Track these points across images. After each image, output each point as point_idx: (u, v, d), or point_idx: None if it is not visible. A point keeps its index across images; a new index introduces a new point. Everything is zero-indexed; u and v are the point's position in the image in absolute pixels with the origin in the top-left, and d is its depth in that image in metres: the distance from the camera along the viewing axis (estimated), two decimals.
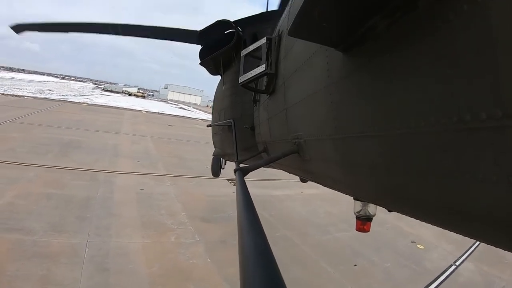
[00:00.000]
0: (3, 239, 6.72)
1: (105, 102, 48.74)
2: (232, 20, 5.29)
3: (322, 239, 9.72)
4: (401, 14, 1.15)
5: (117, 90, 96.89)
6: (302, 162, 2.82)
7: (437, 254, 9.89)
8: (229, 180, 14.29)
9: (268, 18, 4.92)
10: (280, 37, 3.26)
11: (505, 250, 1.12)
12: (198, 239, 8.32)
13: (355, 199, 2.90)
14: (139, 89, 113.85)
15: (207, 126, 8.34)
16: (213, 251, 7.77)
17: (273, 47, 3.29)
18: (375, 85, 1.40)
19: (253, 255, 1.19)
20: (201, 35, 5.70)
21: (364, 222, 3.13)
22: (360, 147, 1.63)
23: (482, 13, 0.81)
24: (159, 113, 46.88)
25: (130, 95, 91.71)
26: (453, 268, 9.01)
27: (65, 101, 41.16)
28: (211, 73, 6.82)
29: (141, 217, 8.99)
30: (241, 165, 4.12)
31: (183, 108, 72.63)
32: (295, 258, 8.04)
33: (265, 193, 13.51)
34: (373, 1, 1.25)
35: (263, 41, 3.38)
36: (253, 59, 3.62)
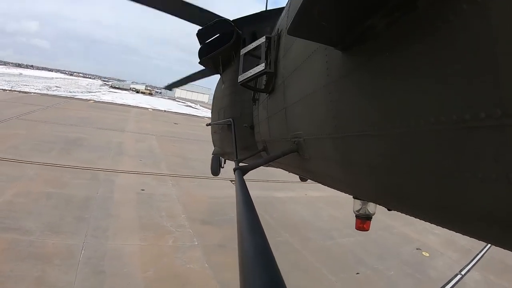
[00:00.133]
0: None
1: (112, 100, 49.06)
2: (231, 19, 5.23)
3: (324, 245, 9.49)
4: (401, 13, 1.14)
5: (124, 87, 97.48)
6: (301, 161, 2.83)
7: (442, 262, 9.61)
8: (232, 181, 14.07)
9: (267, 17, 4.90)
10: (279, 36, 3.25)
11: (505, 248, 1.12)
12: (197, 242, 8.17)
13: (354, 198, 2.90)
14: (147, 86, 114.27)
15: (207, 125, 8.28)
16: (211, 255, 7.61)
17: (273, 46, 3.28)
18: (375, 84, 1.40)
19: (252, 254, 1.18)
20: (200, 34, 5.64)
21: (363, 220, 3.15)
22: (360, 146, 1.63)
23: (482, 13, 0.81)
24: (165, 111, 46.96)
25: (138, 92, 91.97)
26: (458, 277, 8.72)
27: (72, 98, 41.54)
28: (210, 72, 6.84)
29: (140, 219, 8.88)
30: (240, 164, 4.11)
31: (190, 106, 72.74)
32: (296, 265, 7.83)
33: (268, 194, 13.32)
34: (372, 0, 1.24)
35: (263, 40, 3.37)
36: (253, 58, 3.62)
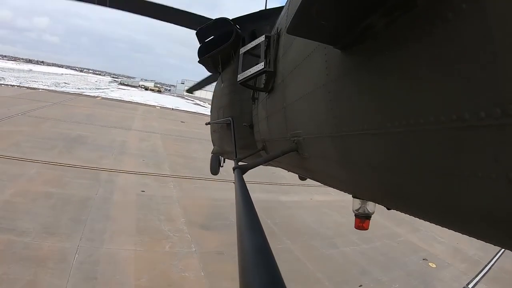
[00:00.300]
0: None
1: (120, 97, 49.25)
2: (231, 18, 5.21)
3: (327, 254, 9.14)
4: (400, 13, 1.13)
5: (133, 84, 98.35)
6: (301, 160, 2.84)
7: (449, 274, 9.24)
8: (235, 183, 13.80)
9: (266, 16, 4.93)
10: (278, 35, 3.27)
11: (504, 248, 1.08)
12: (194, 248, 7.92)
13: (353, 197, 2.90)
14: (156, 83, 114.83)
15: (206, 124, 8.23)
16: (208, 263, 7.36)
17: (272, 45, 3.29)
18: (374, 83, 1.39)
19: (252, 253, 1.19)
20: (199, 33, 5.61)
21: (363, 220, 3.17)
22: (359, 145, 1.63)
23: (481, 12, 0.80)
24: (173, 109, 46.85)
25: (147, 89, 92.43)
26: None
27: (80, 94, 41.83)
28: (209, 71, 6.79)
29: (137, 222, 8.68)
30: (240, 163, 4.14)
31: (198, 104, 72.67)
32: (296, 275, 7.52)
33: (272, 198, 13.03)
34: None
35: (262, 39, 3.37)
36: (252, 57, 3.62)
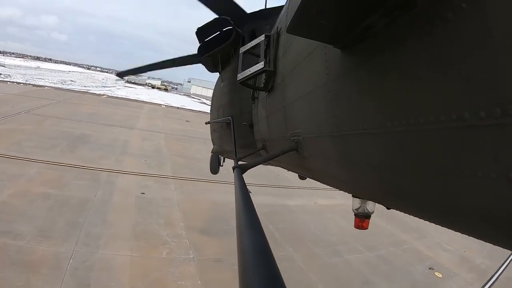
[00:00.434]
0: None
1: (126, 95, 49.36)
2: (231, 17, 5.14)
3: (330, 262, 8.85)
4: (400, 13, 1.12)
5: (140, 82, 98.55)
6: (301, 159, 2.84)
7: (456, 285, 8.95)
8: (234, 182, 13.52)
9: (266, 15, 4.94)
10: (278, 34, 3.25)
11: (504, 248, 1.09)
12: (192, 255, 7.71)
13: (353, 196, 2.89)
14: (163, 82, 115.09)
15: (206, 123, 8.18)
16: (206, 271, 7.14)
17: (272, 44, 3.27)
18: (374, 82, 1.38)
19: (251, 252, 1.19)
20: (199, 32, 5.61)
21: (362, 219, 3.16)
22: (359, 144, 1.62)
23: (481, 12, 0.79)
24: (178, 107, 46.85)
25: (153, 87, 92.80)
26: None
27: (85, 92, 42.01)
28: (209, 70, 6.68)
29: (135, 226, 8.49)
30: (239, 162, 4.15)
31: (204, 103, 72.59)
32: (297, 285, 7.24)
33: (276, 202, 12.76)
34: None
35: (262, 38, 3.35)
36: (252, 56, 3.60)
